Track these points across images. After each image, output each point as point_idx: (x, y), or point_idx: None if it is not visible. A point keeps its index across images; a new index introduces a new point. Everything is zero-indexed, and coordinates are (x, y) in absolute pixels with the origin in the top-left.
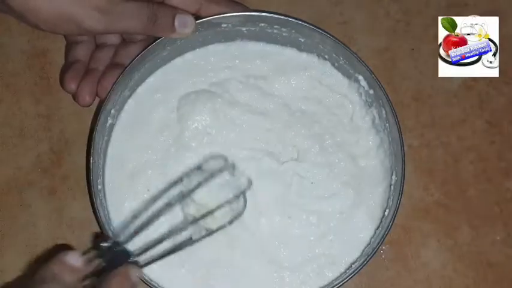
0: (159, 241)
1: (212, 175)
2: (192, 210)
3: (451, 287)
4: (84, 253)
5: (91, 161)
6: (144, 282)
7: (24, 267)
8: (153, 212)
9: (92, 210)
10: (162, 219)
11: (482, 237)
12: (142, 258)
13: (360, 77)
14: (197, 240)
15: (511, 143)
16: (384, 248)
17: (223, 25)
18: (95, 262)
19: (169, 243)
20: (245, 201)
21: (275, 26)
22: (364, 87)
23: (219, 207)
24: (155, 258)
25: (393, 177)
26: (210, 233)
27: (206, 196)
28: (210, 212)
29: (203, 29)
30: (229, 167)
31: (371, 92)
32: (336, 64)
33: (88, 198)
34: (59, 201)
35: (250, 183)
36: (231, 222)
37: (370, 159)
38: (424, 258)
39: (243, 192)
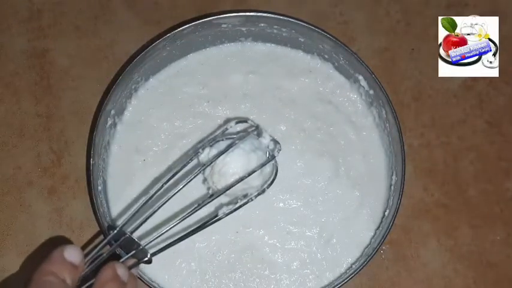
0: (169, 224)
1: (237, 139)
2: (216, 181)
3: (451, 287)
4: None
5: (91, 161)
6: (144, 282)
7: (24, 266)
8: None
9: (92, 210)
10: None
11: (482, 237)
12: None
13: (360, 77)
14: (226, 215)
15: (511, 143)
16: (384, 248)
17: (224, 25)
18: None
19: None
20: (276, 168)
21: (275, 26)
22: (364, 87)
23: (251, 173)
24: (171, 243)
25: (393, 177)
26: (244, 203)
27: (232, 164)
28: (242, 179)
29: (203, 29)
30: (254, 128)
31: (371, 92)
32: (336, 64)
33: (88, 198)
34: (59, 201)
35: (278, 144)
36: (264, 190)
37: (376, 156)
38: (424, 258)
39: (273, 156)
